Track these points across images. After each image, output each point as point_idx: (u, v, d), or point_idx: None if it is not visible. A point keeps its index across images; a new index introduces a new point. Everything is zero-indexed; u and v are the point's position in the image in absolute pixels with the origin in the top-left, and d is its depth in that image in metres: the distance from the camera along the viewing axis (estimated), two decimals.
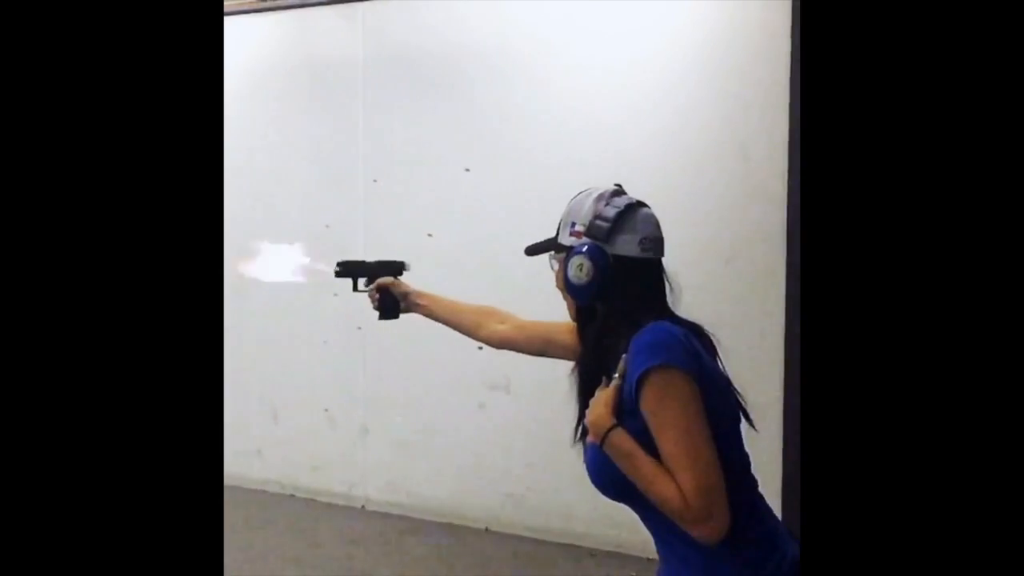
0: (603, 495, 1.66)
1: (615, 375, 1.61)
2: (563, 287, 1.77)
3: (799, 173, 3.45)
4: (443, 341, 2.32)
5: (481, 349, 2.39)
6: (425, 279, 2.45)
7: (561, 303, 1.88)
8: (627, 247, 1.70)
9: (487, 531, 4.60)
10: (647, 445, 1.54)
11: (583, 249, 1.69)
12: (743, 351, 3.92)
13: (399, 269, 2.44)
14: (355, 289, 2.46)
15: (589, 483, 1.67)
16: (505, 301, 2.39)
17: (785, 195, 3.88)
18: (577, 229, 1.74)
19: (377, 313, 2.40)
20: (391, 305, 2.37)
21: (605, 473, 1.61)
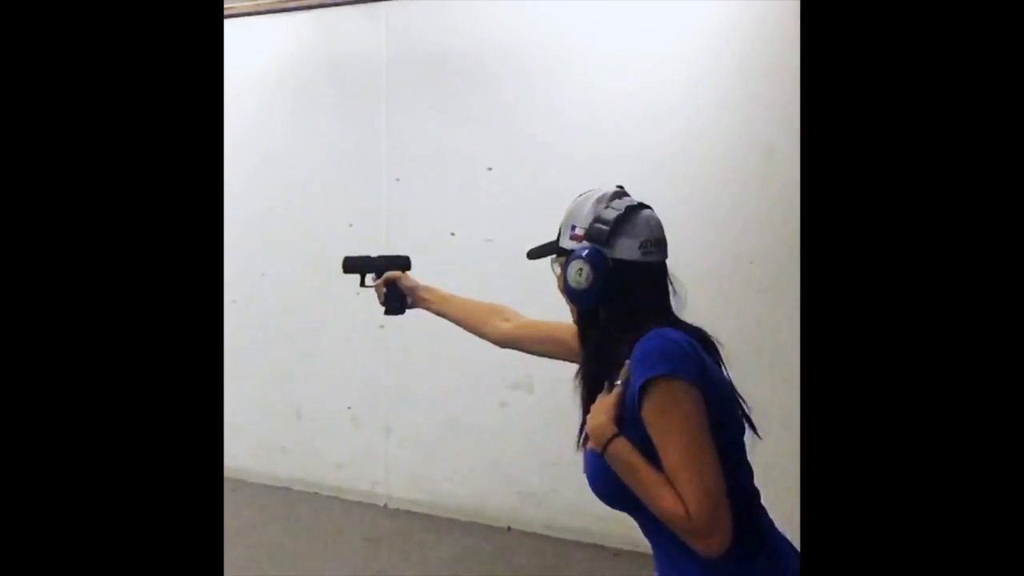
0: (603, 503, 1.62)
1: (617, 382, 1.57)
2: (563, 292, 1.73)
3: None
4: (465, 340, 2.30)
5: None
6: (447, 278, 2.43)
7: None
8: (628, 250, 1.65)
9: (509, 530, 4.60)
10: (649, 454, 1.50)
11: (583, 253, 1.65)
12: (767, 351, 3.90)
13: (405, 264, 2.40)
14: (362, 284, 2.42)
15: None
16: (527, 300, 2.38)
17: None
18: (577, 232, 1.70)
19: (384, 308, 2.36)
20: (398, 300, 2.34)
21: (605, 482, 1.58)
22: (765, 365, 3.86)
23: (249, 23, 5.20)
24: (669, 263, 1.73)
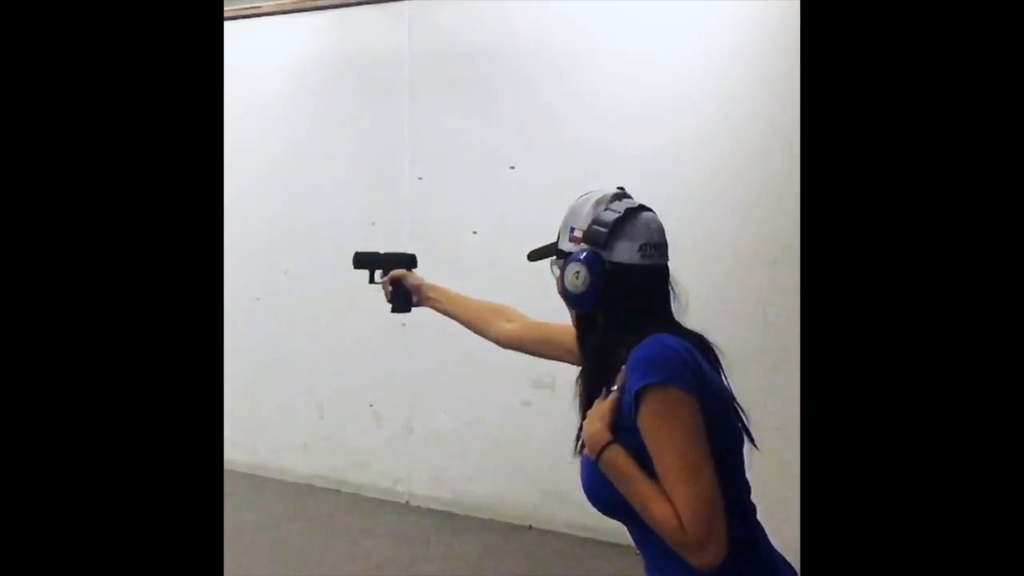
0: (598, 511, 1.60)
1: (613, 388, 1.54)
2: (560, 294, 1.69)
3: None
4: None
5: None
6: (469, 276, 2.42)
7: None
8: (626, 253, 1.61)
9: (530, 528, 4.59)
10: (645, 462, 1.46)
11: (580, 256, 1.62)
12: (791, 350, 3.87)
13: (411, 262, 2.38)
14: (371, 281, 2.39)
15: None
16: (547, 300, 2.36)
17: None
18: (575, 235, 1.66)
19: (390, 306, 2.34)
20: (403, 298, 2.32)
21: (600, 489, 1.55)
22: (790, 363, 3.83)
23: (274, 22, 5.24)
24: (690, 265, 1.69)
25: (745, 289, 3.96)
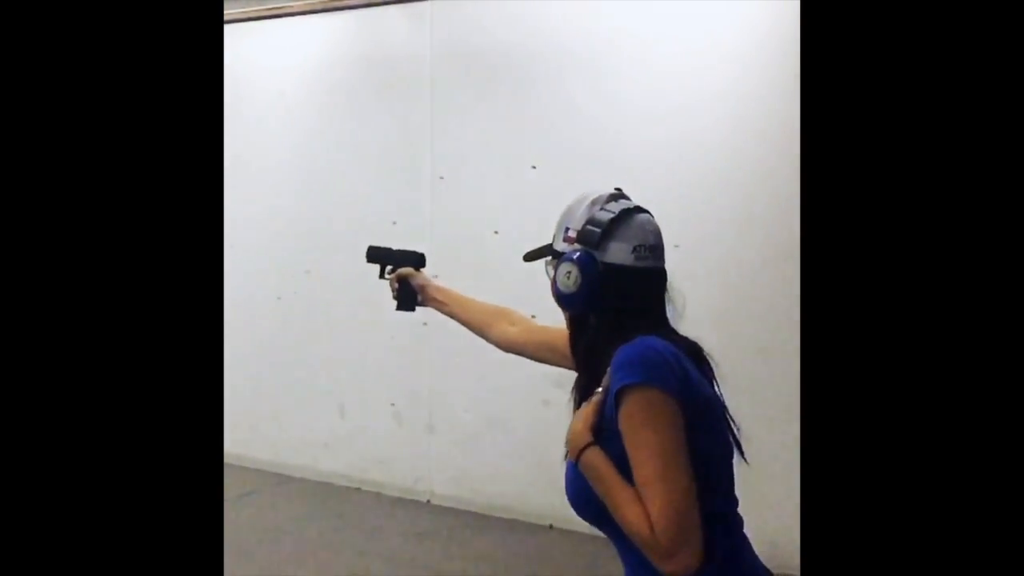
0: (580, 517, 1.54)
1: (598, 390, 1.50)
2: (553, 295, 1.66)
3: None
4: None
5: None
6: (490, 277, 2.40)
7: None
8: (620, 255, 1.58)
9: (551, 528, 4.59)
10: (626, 467, 1.41)
11: (572, 256, 1.59)
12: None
13: (419, 261, 2.36)
14: (381, 276, 2.38)
15: None
16: None
17: None
18: (570, 235, 1.64)
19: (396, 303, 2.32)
20: (409, 297, 2.30)
21: (577, 491, 1.51)
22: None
23: (295, 23, 5.26)
24: (705, 264, 1.66)
25: (768, 284, 3.93)
